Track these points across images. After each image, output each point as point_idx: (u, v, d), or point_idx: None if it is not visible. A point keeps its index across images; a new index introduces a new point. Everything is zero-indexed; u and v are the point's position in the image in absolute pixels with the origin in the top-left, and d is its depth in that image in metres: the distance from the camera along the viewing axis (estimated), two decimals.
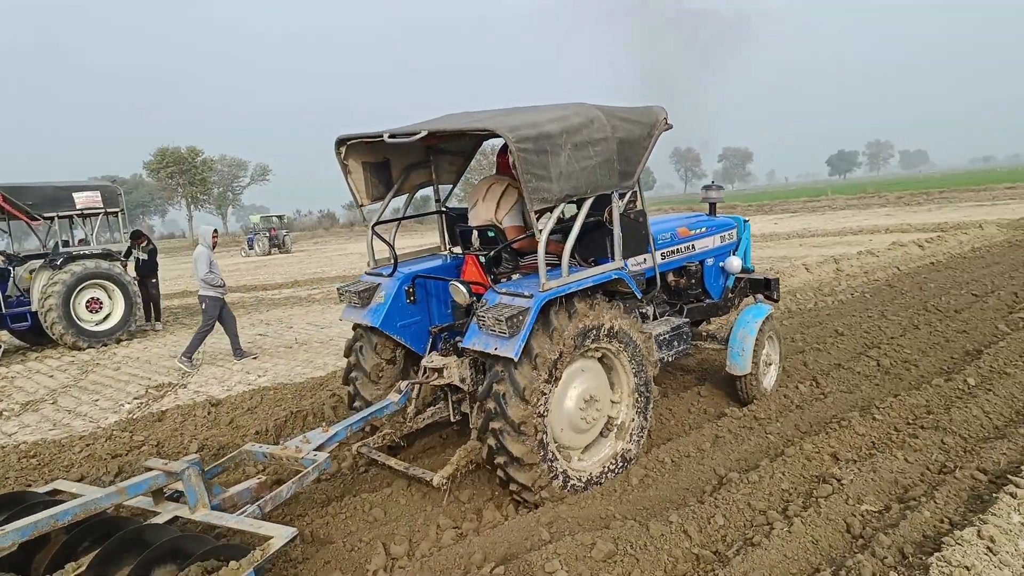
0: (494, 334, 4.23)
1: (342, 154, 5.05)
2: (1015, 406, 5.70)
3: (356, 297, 5.30)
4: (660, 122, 5.14)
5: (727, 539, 4.00)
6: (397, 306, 5.22)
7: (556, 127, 4.40)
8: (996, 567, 3.40)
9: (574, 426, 4.66)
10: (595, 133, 4.63)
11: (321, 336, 11.51)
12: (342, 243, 45.17)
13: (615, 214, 4.89)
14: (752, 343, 6.01)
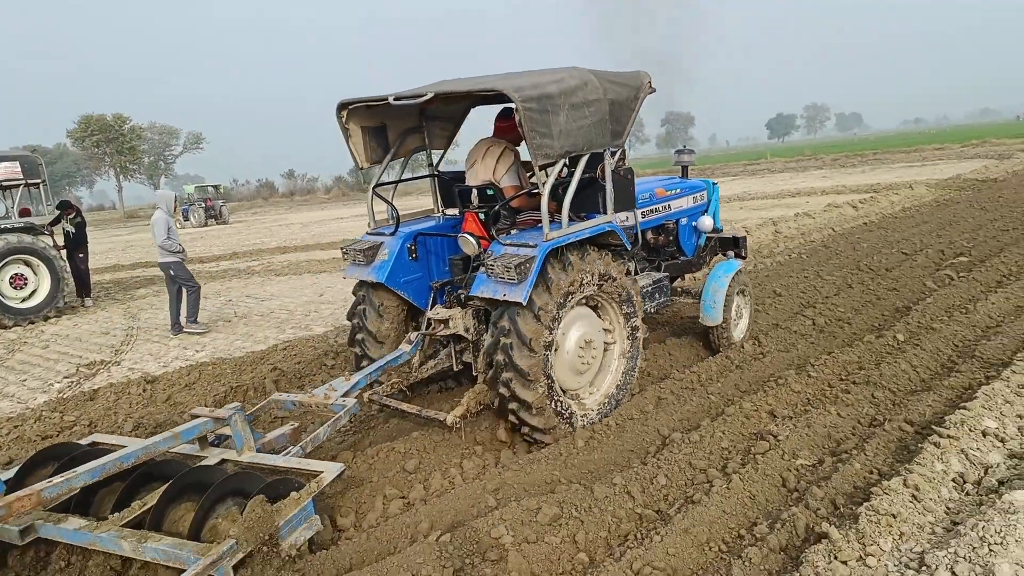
0: (503, 281, 4.54)
1: (343, 118, 5.26)
2: (940, 360, 5.95)
3: (361, 255, 5.50)
4: (645, 85, 5.54)
5: (669, 498, 4.09)
6: (400, 263, 5.49)
7: (555, 88, 4.70)
8: (920, 513, 3.56)
9: (574, 369, 5.06)
10: (589, 95, 4.96)
11: (261, 309, 11.28)
12: (282, 213, 44.20)
13: (607, 171, 5.21)
14: (723, 296, 6.41)
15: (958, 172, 24.06)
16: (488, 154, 5.62)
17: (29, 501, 3.51)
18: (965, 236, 11.34)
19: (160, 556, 3.37)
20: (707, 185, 7.31)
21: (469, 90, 4.89)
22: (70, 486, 3.67)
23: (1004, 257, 9.28)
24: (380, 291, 5.53)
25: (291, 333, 9.16)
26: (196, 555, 3.25)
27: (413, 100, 4.88)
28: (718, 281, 6.47)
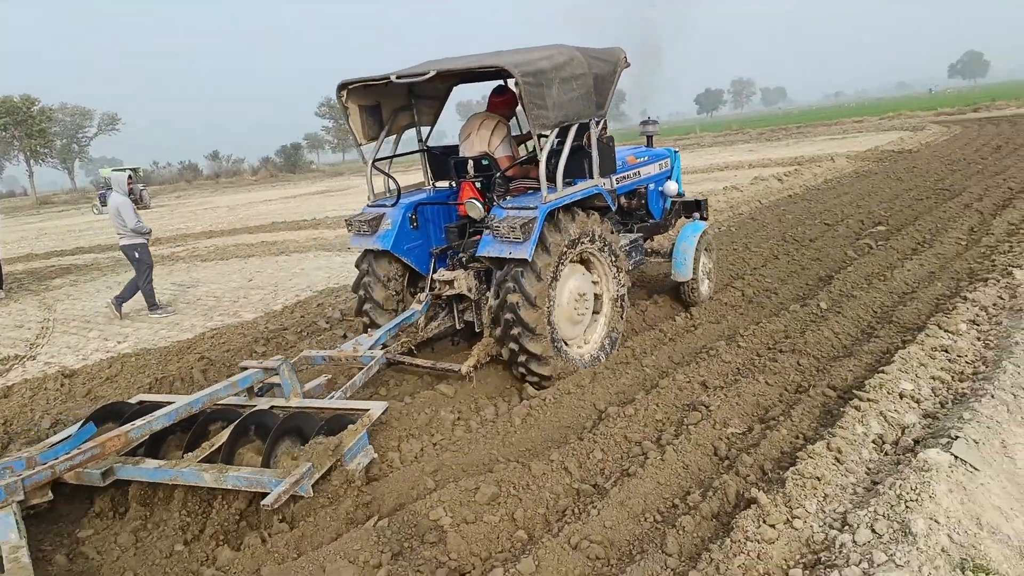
0: (508, 241, 4.97)
1: (343, 97, 5.61)
2: (860, 326, 6.19)
3: (365, 226, 5.82)
4: (621, 60, 6.01)
5: (605, 472, 4.15)
6: (403, 231, 5.83)
7: (547, 64, 5.15)
8: (843, 475, 3.71)
9: (571, 319, 5.59)
10: (576, 69, 5.43)
11: (187, 296, 10.91)
12: (207, 196, 42.70)
13: (593, 139, 5.66)
14: (692, 254, 6.89)
15: (876, 144, 25.02)
16: (483, 127, 6.04)
17: (119, 440, 3.94)
18: (883, 206, 11.82)
19: (242, 483, 3.77)
20: (670, 153, 7.84)
21: (470, 67, 5.24)
22: (151, 428, 4.10)
23: (918, 225, 9.71)
24: (383, 259, 5.92)
25: (219, 320, 8.91)
26: (277, 478, 3.65)
27: (415, 78, 5.24)
28: (687, 240, 6.93)
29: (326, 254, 13.53)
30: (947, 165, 16.68)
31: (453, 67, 5.32)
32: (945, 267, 7.67)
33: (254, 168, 71.26)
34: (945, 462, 3.54)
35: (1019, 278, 6.46)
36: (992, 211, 10.36)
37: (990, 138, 22.65)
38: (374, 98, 5.84)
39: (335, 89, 5.61)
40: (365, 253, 5.99)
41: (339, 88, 5.59)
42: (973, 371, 4.89)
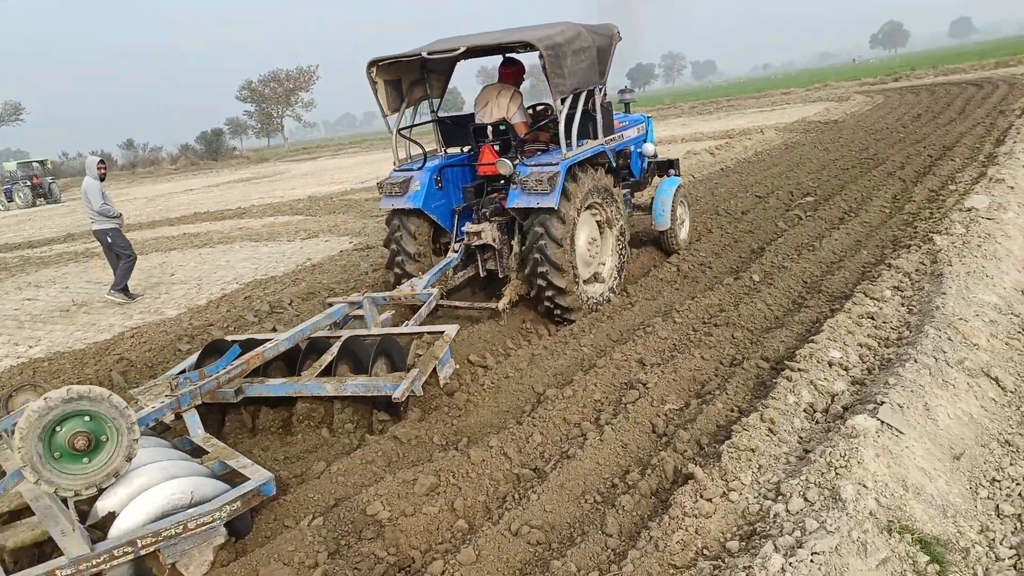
0: (536, 192, 5.73)
1: (372, 72, 6.29)
2: (791, 296, 6.33)
3: (396, 188, 6.45)
4: (615, 34, 6.79)
5: (545, 455, 4.14)
6: (430, 191, 6.48)
7: (562, 38, 5.88)
8: (776, 445, 3.78)
9: (585, 261, 6.31)
10: (583, 43, 6.17)
11: (104, 294, 10.36)
12: (123, 188, 40.81)
13: (598, 104, 6.50)
14: (670, 205, 7.70)
15: (803, 115, 25.65)
16: (501, 96, 6.70)
17: (259, 358, 4.65)
18: (811, 177, 12.11)
19: (360, 389, 4.46)
20: (645, 119, 8.55)
21: (498, 43, 6.08)
22: (277, 350, 4.81)
23: (845, 195, 9.98)
24: (412, 217, 6.54)
25: (139, 319, 8.50)
26: (393, 382, 4.33)
27: (447, 54, 6.04)
28: (665, 194, 7.77)
29: (252, 244, 13.13)
30: (871, 134, 17.20)
31: (482, 43, 6.13)
32: (870, 235, 7.90)
33: (173, 156, 68.22)
34: (872, 427, 3.63)
35: (939, 244, 6.68)
36: (913, 179, 10.73)
37: (910, 107, 23.47)
38: (396, 74, 6.57)
39: (365, 65, 6.27)
40: (395, 212, 6.61)
41: (369, 64, 6.24)
42: (898, 336, 5.04)
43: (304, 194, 22.29)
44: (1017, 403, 4.27)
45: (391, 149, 6.88)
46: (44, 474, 3.11)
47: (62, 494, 3.18)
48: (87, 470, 3.23)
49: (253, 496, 3.49)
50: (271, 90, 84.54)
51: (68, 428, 3.20)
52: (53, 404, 3.13)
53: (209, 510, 3.30)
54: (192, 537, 3.27)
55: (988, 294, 5.59)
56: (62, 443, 3.18)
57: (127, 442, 3.32)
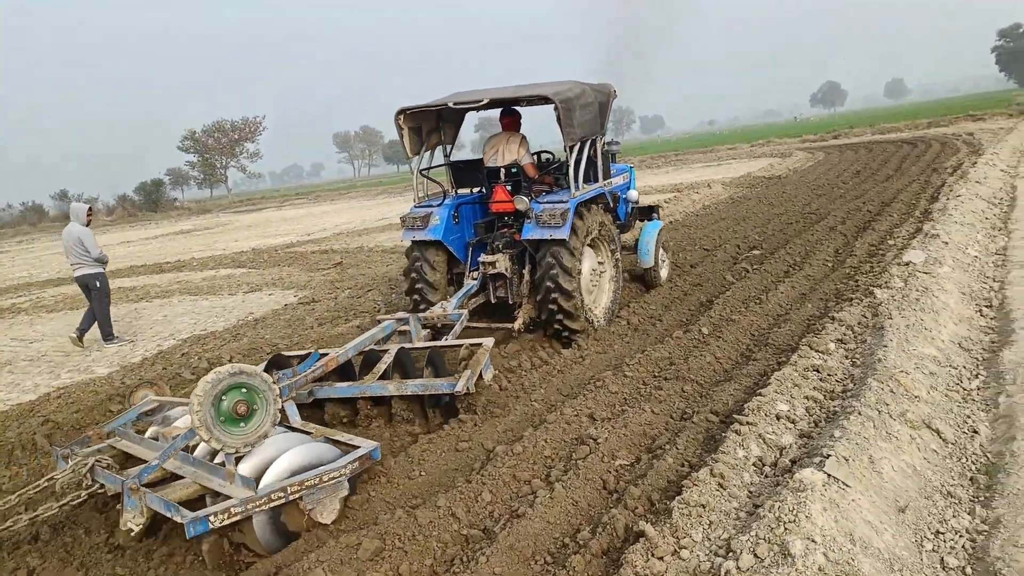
0: (549, 226, 6.53)
1: (400, 120, 7.14)
2: (739, 349, 6.42)
3: (418, 222, 7.24)
4: (613, 92, 7.85)
5: (494, 514, 4.05)
6: (448, 226, 7.28)
7: (572, 94, 6.80)
8: (726, 500, 3.76)
9: (587, 289, 7.14)
10: (587, 99, 7.13)
11: (29, 352, 9.86)
12: (55, 240, 39.57)
13: (599, 151, 7.60)
14: (654, 246, 8.60)
15: (748, 171, 26.50)
16: (510, 142, 7.62)
17: (334, 361, 5.38)
18: (757, 230, 12.45)
19: (419, 389, 5.22)
20: (628, 168, 9.33)
21: (518, 96, 7.07)
22: (347, 356, 5.53)
23: (789, 249, 10.27)
24: (431, 248, 7.32)
25: (67, 378, 8.13)
26: (449, 382, 5.10)
27: (472, 105, 7.05)
28: (649, 235, 8.65)
29: (192, 298, 12.78)
30: (813, 190, 17.83)
31: (503, 95, 7.12)
32: (814, 288, 8.11)
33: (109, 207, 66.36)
34: (819, 481, 3.65)
35: (880, 297, 6.89)
36: (854, 233, 11.11)
37: (849, 163, 24.46)
38: (418, 121, 7.38)
39: (393, 113, 7.14)
40: (416, 244, 7.37)
41: (398, 112, 7.13)
42: (842, 389, 5.13)
43: (247, 246, 21.84)
44: (958, 455, 4.36)
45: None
46: (215, 433, 3.86)
47: (227, 451, 3.91)
48: (245, 432, 4.00)
49: (366, 459, 4.27)
50: (215, 140, 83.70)
51: (230, 398, 3.97)
52: (221, 377, 3.91)
53: (338, 466, 4.07)
54: (326, 488, 4.02)
55: (927, 347, 5.76)
56: (226, 409, 3.95)
57: (273, 411, 4.14)
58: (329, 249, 18.31)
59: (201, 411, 3.81)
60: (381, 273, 13.02)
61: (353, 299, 10.70)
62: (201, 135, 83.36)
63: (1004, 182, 14.48)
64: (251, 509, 3.76)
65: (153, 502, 3.85)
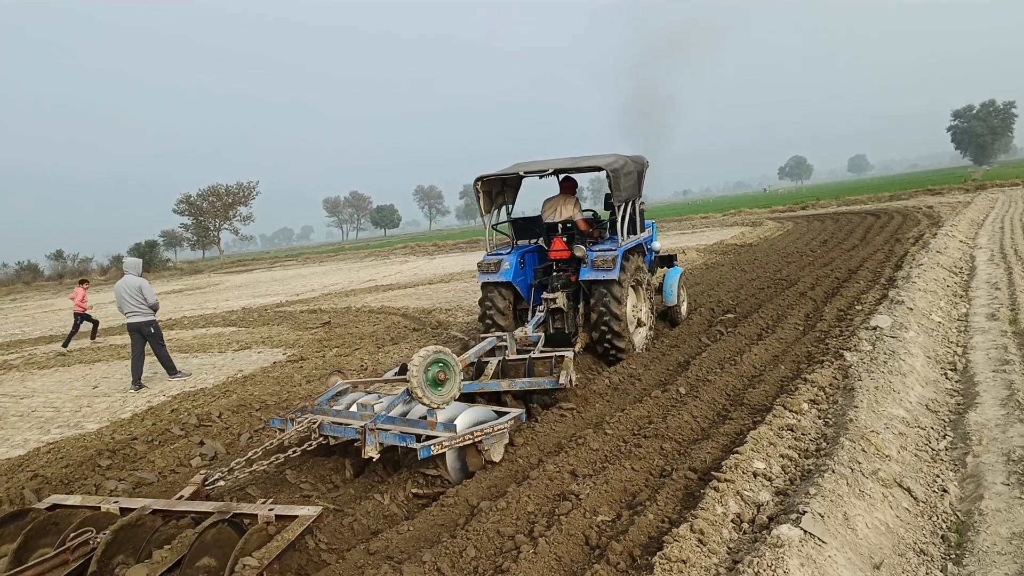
0: (602, 269, 8.21)
1: (478, 185, 8.93)
2: (716, 409, 6.55)
3: (492, 267, 8.96)
4: (646, 163, 9.80)
5: (479, 570, 4.06)
6: (516, 270, 9.00)
7: (618, 165, 8.51)
8: (707, 555, 3.84)
9: (630, 320, 8.75)
10: (629, 168, 8.87)
11: (20, 408, 9.80)
12: (48, 298, 39.27)
13: (637, 210, 9.53)
14: (676, 287, 10.32)
15: (721, 238, 27.18)
16: (565, 203, 9.38)
17: (465, 362, 6.60)
18: (730, 295, 12.75)
19: (527, 385, 6.72)
20: (652, 224, 11.05)
21: (576, 166, 8.85)
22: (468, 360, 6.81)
23: (762, 312, 10.53)
24: (501, 288, 9.02)
25: (57, 433, 8.09)
26: (552, 379, 6.67)
27: (539, 173, 8.98)
28: (672, 279, 10.36)
29: (182, 355, 12.75)
30: (783, 257, 18.34)
31: (564, 166, 8.84)
32: (787, 351, 8.32)
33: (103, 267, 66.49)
34: (796, 537, 3.75)
35: (849, 360, 7.11)
36: (823, 299, 11.43)
37: (817, 233, 25.20)
38: (489, 186, 9.10)
39: (473, 180, 8.88)
40: (490, 284, 9.00)
41: (476, 179, 8.87)
42: (816, 448, 5.27)
43: (238, 305, 21.97)
44: (929, 512, 4.49)
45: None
46: (426, 393, 5.60)
47: (433, 407, 5.58)
48: (443, 393, 5.75)
49: (517, 419, 5.86)
50: (209, 204, 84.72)
51: (433, 369, 5.71)
52: (428, 354, 5.71)
53: (504, 421, 5.69)
54: (496, 435, 5.60)
55: (896, 408, 5.94)
56: (431, 376, 5.69)
57: (458, 380, 5.91)
58: (317, 309, 18.47)
59: (417, 376, 5.55)
60: (368, 332, 13.09)
61: (341, 357, 10.74)
62: (196, 198, 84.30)
63: (963, 252, 15.06)
64: (454, 444, 5.24)
65: (387, 438, 5.42)
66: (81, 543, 3.94)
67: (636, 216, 9.31)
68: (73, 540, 3.92)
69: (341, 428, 5.69)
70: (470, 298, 17.05)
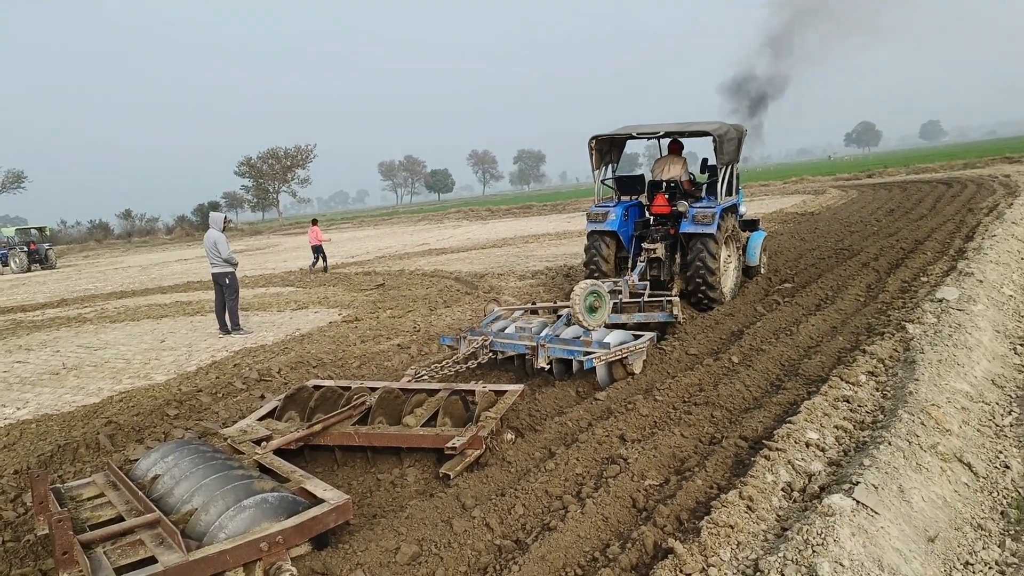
0: (702, 223, 8.99)
1: (592, 143, 9.75)
2: (769, 378, 6.47)
3: (599, 217, 9.77)
4: (745, 131, 10.48)
5: (527, 527, 4.15)
6: (621, 221, 9.74)
7: (723, 131, 9.18)
8: (754, 522, 3.83)
9: (722, 271, 9.42)
10: (731, 134, 9.53)
11: (94, 359, 10.33)
12: (118, 256, 41.02)
13: (735, 174, 10.16)
14: (759, 249, 11.18)
15: (781, 207, 26.45)
16: (673, 163, 10.40)
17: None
18: (789, 265, 12.47)
19: (643, 319, 7.95)
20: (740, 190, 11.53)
21: (686, 131, 9.75)
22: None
23: (821, 283, 10.28)
24: (606, 237, 9.84)
25: (128, 383, 8.49)
26: (667, 314, 7.88)
27: (649, 135, 9.83)
28: (755, 241, 11.13)
29: (243, 313, 13.17)
30: (846, 227, 17.78)
31: (673, 130, 9.78)
32: (846, 322, 8.12)
33: (169, 227, 69.10)
34: (848, 507, 3.71)
35: (912, 332, 6.90)
36: (887, 270, 11.09)
37: (883, 202, 24.32)
38: (601, 144, 9.89)
39: (587, 139, 9.77)
40: (596, 233, 9.83)
41: (591, 138, 9.74)
42: (872, 420, 5.16)
43: (295, 266, 22.52)
44: (989, 488, 4.38)
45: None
46: (585, 318, 6.74)
47: (589, 328, 6.77)
48: (597, 318, 6.86)
49: (652, 341, 6.98)
50: (269, 166, 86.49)
51: (590, 299, 6.81)
52: (585, 286, 6.84)
53: (643, 341, 6.82)
54: (636, 353, 6.72)
55: (960, 382, 5.77)
56: (588, 304, 6.78)
57: (608, 308, 7.03)
58: (372, 271, 18.82)
59: (578, 304, 6.70)
60: (421, 295, 13.30)
61: (394, 319, 10.95)
62: (256, 161, 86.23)
63: None
64: (609, 358, 6.43)
65: (554, 352, 6.61)
66: (359, 403, 5.46)
67: (734, 179, 10.03)
68: (357, 400, 5.51)
69: (511, 345, 6.91)
70: (522, 263, 17.10)
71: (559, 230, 26.86)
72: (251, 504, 3.66)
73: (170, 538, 3.52)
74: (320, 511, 3.75)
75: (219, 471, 4.13)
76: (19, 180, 73.47)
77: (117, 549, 3.59)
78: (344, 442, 5.26)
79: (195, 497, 3.90)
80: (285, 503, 3.78)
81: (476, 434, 5.00)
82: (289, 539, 3.58)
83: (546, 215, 41.26)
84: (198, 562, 3.32)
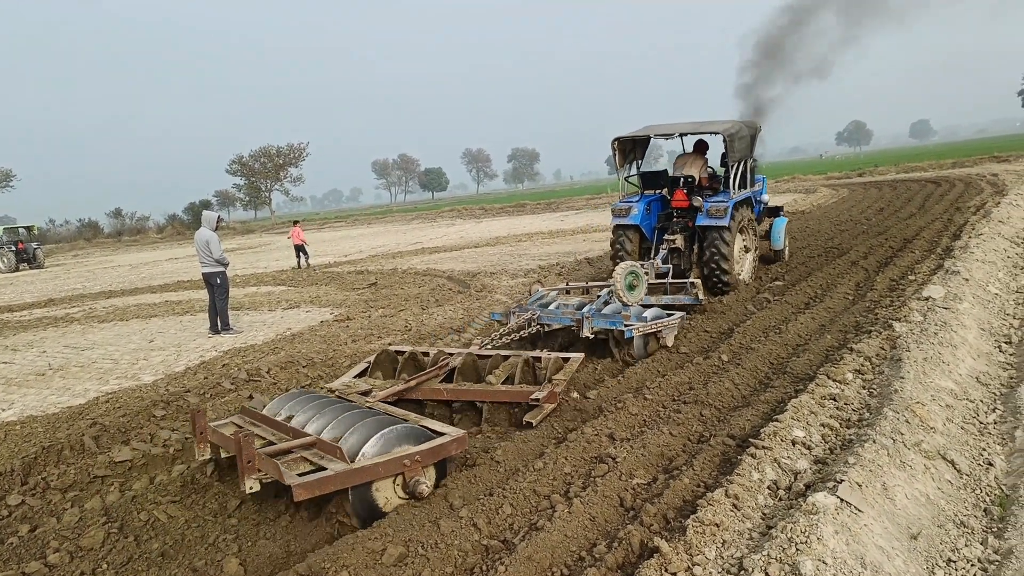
0: (716, 216, 9.67)
1: (615, 144, 10.49)
2: (758, 376, 6.49)
3: (623, 212, 10.55)
4: (758, 128, 11.41)
5: (514, 526, 4.16)
6: (643, 215, 10.53)
7: (734, 130, 9.96)
8: (740, 520, 3.85)
9: (737, 260, 10.21)
10: (743, 132, 10.30)
11: (81, 359, 10.24)
12: (108, 255, 40.76)
13: (748, 169, 10.83)
14: (783, 235, 12.22)
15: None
16: (695, 161, 11.00)
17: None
18: (779, 263, 12.50)
19: (670, 300, 8.98)
20: (762, 179, 12.56)
21: (696, 130, 10.56)
22: None
23: (811, 281, 10.33)
24: (630, 230, 10.62)
25: (115, 384, 8.43)
26: (692, 296, 8.81)
27: (666, 135, 10.78)
28: (779, 227, 12.23)
29: (233, 313, 13.11)
30: (836, 225, 17.86)
31: (687, 130, 10.64)
32: (834, 320, 8.16)
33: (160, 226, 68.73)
34: (832, 504, 3.73)
35: (899, 330, 6.94)
36: (875, 268, 11.14)
37: (873, 200, 24.43)
38: (624, 145, 10.63)
39: (610, 140, 10.53)
40: (620, 227, 10.63)
41: (613, 139, 10.47)
42: (858, 418, 5.20)
43: (287, 265, 22.48)
44: (972, 486, 4.41)
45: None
46: (625, 294, 7.87)
47: (628, 304, 7.86)
48: (636, 295, 8.00)
49: (682, 318, 7.85)
50: (261, 165, 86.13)
51: (629, 278, 7.93)
52: (624, 267, 7.97)
53: (675, 317, 7.67)
54: (669, 327, 7.55)
55: (944, 380, 5.81)
56: (628, 283, 7.91)
57: (645, 287, 8.17)
58: (364, 270, 18.79)
59: (619, 283, 7.82)
60: (414, 294, 13.28)
61: (386, 318, 10.93)
62: (248, 159, 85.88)
63: None
64: (646, 330, 7.28)
65: (598, 324, 7.35)
66: (443, 364, 6.28)
67: (747, 173, 10.68)
68: (443, 361, 6.34)
69: (557, 318, 7.72)
70: (515, 262, 17.10)
71: (552, 229, 26.88)
72: (390, 432, 4.55)
73: (330, 455, 4.37)
74: (445, 440, 4.62)
75: (349, 410, 5.03)
76: (7, 179, 73.02)
77: (285, 464, 4.28)
78: (433, 396, 6.15)
79: (334, 429, 4.73)
80: (415, 433, 4.67)
81: (552, 390, 5.81)
82: (425, 459, 4.48)
83: (539, 214, 41.27)
84: (358, 470, 4.20)
